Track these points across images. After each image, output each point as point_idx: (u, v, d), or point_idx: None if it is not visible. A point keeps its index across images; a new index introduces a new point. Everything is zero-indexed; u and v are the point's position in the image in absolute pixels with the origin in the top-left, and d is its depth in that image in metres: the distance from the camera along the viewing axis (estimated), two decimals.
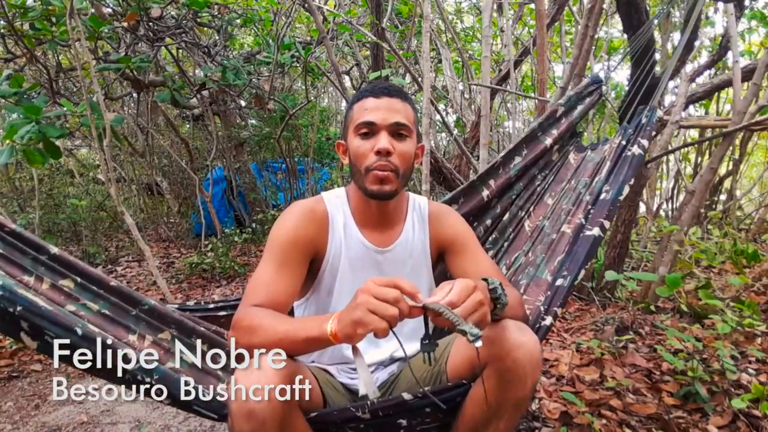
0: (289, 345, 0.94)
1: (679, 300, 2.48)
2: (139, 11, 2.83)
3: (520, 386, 0.97)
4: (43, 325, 0.96)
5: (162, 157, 5.51)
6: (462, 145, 3.09)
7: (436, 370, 1.16)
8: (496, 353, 0.97)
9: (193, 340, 1.29)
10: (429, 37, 2.40)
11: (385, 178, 1.12)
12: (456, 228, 1.30)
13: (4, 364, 2.28)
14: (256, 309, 1.02)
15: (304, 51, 3.33)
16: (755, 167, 7.05)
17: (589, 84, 1.76)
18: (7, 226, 1.17)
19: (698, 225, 4.03)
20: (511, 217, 1.66)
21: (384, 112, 1.13)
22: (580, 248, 1.37)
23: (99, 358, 1.00)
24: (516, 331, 0.98)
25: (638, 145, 1.54)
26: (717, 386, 1.79)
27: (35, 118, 2.16)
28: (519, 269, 1.51)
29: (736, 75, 2.52)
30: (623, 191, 1.44)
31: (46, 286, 1.15)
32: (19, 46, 3.11)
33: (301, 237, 1.15)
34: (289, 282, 1.11)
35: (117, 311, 1.22)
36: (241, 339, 0.99)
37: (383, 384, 1.25)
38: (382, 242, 1.24)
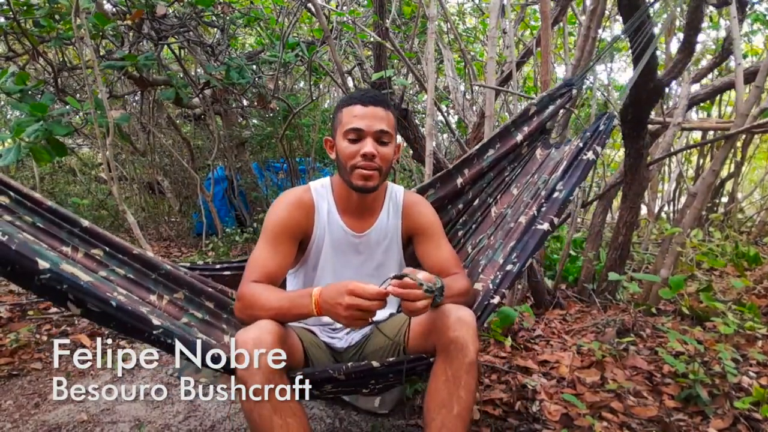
0: (282, 318, 1.21)
1: (681, 302, 2.48)
2: (145, 8, 2.83)
3: (464, 353, 1.17)
4: (85, 298, 1.12)
5: (163, 156, 5.51)
6: (464, 146, 3.09)
7: (397, 340, 1.40)
8: (439, 331, 1.20)
9: (201, 299, 1.54)
10: (433, 38, 2.39)
11: (370, 176, 1.34)
12: (426, 218, 1.53)
13: (4, 363, 2.28)
14: (255, 285, 1.28)
15: (307, 50, 3.33)
16: (757, 170, 7.05)
17: (561, 86, 1.88)
18: (44, 203, 1.37)
19: (700, 227, 4.03)
20: (481, 203, 1.83)
21: (370, 120, 1.33)
22: (530, 240, 1.49)
23: (130, 325, 1.16)
24: (453, 310, 1.21)
25: (593, 151, 1.63)
26: (718, 389, 1.79)
27: (42, 116, 2.16)
28: (481, 250, 1.68)
29: (739, 77, 2.51)
30: (573, 192, 1.57)
31: (80, 255, 1.36)
32: (22, 43, 3.12)
33: (291, 222, 1.40)
34: (281, 260, 1.36)
35: (139, 275, 1.45)
36: (244, 311, 1.26)
37: (357, 343, 1.51)
38: (359, 228, 1.47)
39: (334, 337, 1.52)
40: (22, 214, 1.33)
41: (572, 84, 1.86)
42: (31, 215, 1.34)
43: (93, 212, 4.86)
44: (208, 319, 1.50)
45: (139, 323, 1.17)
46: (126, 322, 1.16)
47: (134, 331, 1.18)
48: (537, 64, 4.62)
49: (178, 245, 4.98)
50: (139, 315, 1.18)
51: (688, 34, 2.42)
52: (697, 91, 3.44)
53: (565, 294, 3.08)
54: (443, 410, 1.17)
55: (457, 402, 1.17)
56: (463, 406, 1.17)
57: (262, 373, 1.09)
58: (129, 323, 1.16)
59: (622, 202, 2.81)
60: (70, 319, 2.81)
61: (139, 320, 1.17)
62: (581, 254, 3.29)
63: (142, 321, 1.18)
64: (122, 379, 2.17)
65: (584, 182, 1.61)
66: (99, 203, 5.11)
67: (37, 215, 1.35)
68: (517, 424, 1.71)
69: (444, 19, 4.51)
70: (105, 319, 1.16)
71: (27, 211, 1.34)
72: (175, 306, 1.45)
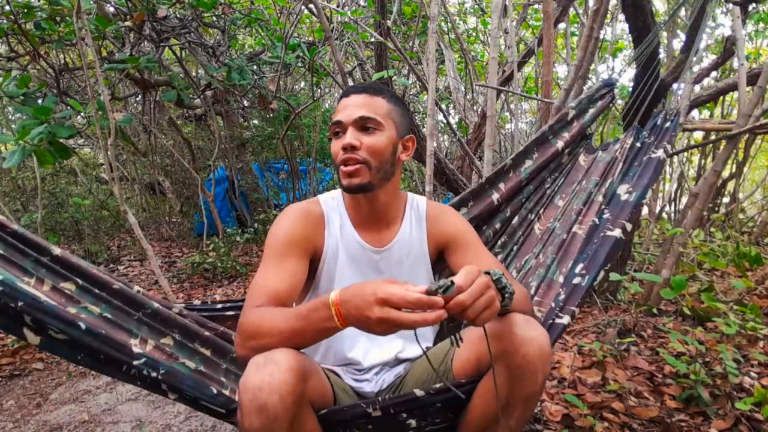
0: (298, 341, 0.94)
1: (682, 303, 2.47)
2: (146, 11, 2.84)
3: (530, 382, 0.96)
4: (45, 319, 0.94)
5: (165, 156, 5.52)
6: (465, 146, 3.09)
7: (442, 369, 1.15)
8: (505, 349, 0.96)
9: (196, 345, 1.29)
10: (435, 38, 2.39)
11: (353, 171, 1.13)
12: (455, 225, 1.30)
13: (6, 363, 2.29)
14: (258, 309, 1.01)
15: (309, 51, 3.33)
16: (758, 170, 7.04)
17: (601, 87, 1.76)
18: (8, 227, 1.15)
19: (701, 228, 4.03)
20: (521, 220, 1.64)
21: (350, 109, 1.15)
22: (600, 248, 1.34)
23: (104, 355, 0.99)
24: (525, 326, 0.97)
25: (663, 149, 1.51)
26: (719, 390, 1.79)
27: (45, 118, 2.17)
28: (529, 272, 1.49)
29: (741, 78, 2.51)
30: (647, 194, 1.44)
31: (47, 288, 1.13)
32: (23, 45, 3.12)
33: (298, 236, 1.17)
34: (289, 279, 1.11)
35: (119, 315, 1.21)
36: (246, 343, 0.98)
37: (390, 386, 1.24)
38: (378, 242, 1.25)
39: (360, 379, 1.25)
40: None
41: (613, 84, 1.76)
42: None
43: (94, 212, 4.86)
44: (203, 369, 1.26)
45: (115, 351, 1.00)
46: (98, 351, 0.98)
47: (109, 363, 1.00)
48: (538, 64, 4.62)
49: (179, 245, 4.98)
50: (116, 341, 1.01)
51: (691, 35, 2.42)
52: (699, 93, 3.43)
53: None
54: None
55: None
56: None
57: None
58: (102, 352, 0.99)
59: None
60: None
61: (115, 347, 1.00)
62: None
63: (119, 348, 1.00)
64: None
65: None
66: (100, 203, 5.11)
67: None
68: None
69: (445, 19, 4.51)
70: (72, 349, 0.98)
71: None
72: (162, 353, 1.21)
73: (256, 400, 0.84)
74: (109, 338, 0.99)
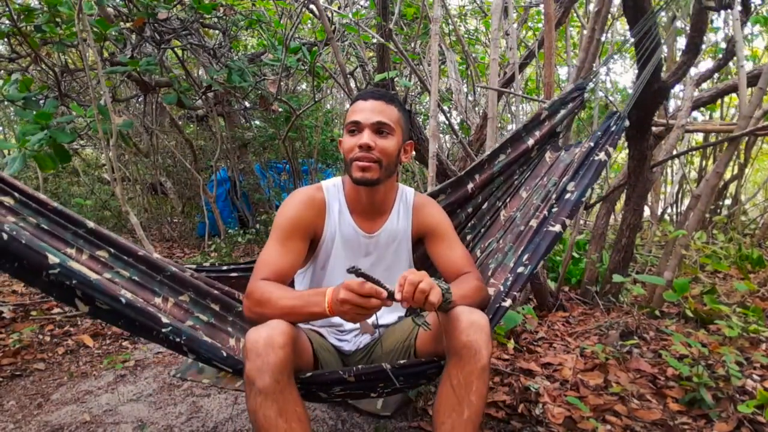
0: (293, 317, 1.18)
1: (685, 305, 2.47)
2: (146, 15, 2.84)
3: (477, 357, 1.15)
4: (94, 295, 1.12)
5: (166, 157, 5.52)
6: (467, 147, 3.09)
7: (407, 344, 1.39)
8: (451, 334, 1.17)
9: (207, 302, 1.52)
10: (437, 39, 2.39)
11: (367, 167, 1.33)
12: (435, 218, 1.53)
13: (7, 363, 2.29)
14: (265, 283, 1.26)
15: (309, 53, 3.33)
16: (760, 172, 7.03)
17: (573, 90, 1.85)
18: (50, 204, 1.35)
19: (703, 230, 4.02)
20: (489, 207, 1.83)
21: (368, 113, 1.35)
22: (542, 242, 1.47)
23: (139, 323, 1.17)
24: (465, 313, 1.18)
25: (605, 152, 1.61)
26: (722, 392, 1.78)
27: (46, 123, 2.17)
28: (491, 254, 1.67)
29: (742, 80, 2.51)
30: (586, 193, 1.55)
31: (85, 257, 1.34)
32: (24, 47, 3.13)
33: (302, 220, 1.39)
34: (291, 258, 1.35)
35: (144, 277, 1.43)
36: (253, 308, 1.23)
37: (366, 346, 1.50)
38: (370, 228, 1.47)
39: (342, 339, 1.51)
40: (27, 215, 1.32)
41: (584, 88, 1.84)
42: (35, 216, 1.33)
43: (96, 213, 4.87)
44: (214, 322, 1.49)
45: (148, 320, 1.17)
46: (135, 320, 1.16)
47: (143, 329, 1.18)
48: (539, 66, 4.62)
49: (181, 246, 4.98)
50: (148, 312, 1.18)
51: (692, 37, 2.42)
52: (700, 94, 3.43)
53: (568, 296, 3.08)
54: (453, 414, 1.16)
55: (467, 407, 1.15)
56: (473, 411, 1.16)
57: (271, 373, 1.07)
58: (138, 321, 1.16)
59: (626, 204, 2.81)
60: (73, 319, 2.81)
61: (148, 317, 1.17)
62: (584, 256, 3.28)
63: (151, 318, 1.18)
64: (125, 379, 2.17)
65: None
66: (102, 204, 5.12)
67: (41, 216, 1.34)
68: (520, 426, 1.70)
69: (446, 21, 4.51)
70: (114, 317, 1.15)
71: (32, 212, 1.33)
72: (180, 308, 1.44)
73: (255, 347, 1.09)
74: (143, 310, 1.17)
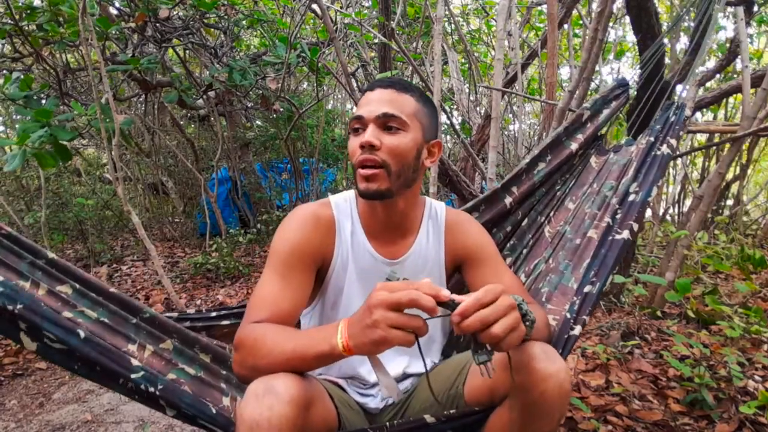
0: (298, 364, 0.86)
1: (686, 306, 2.46)
2: (147, 12, 2.84)
3: (546, 421, 0.89)
4: (43, 326, 0.92)
5: (168, 157, 5.53)
6: (469, 147, 3.08)
7: (453, 392, 1.08)
8: (521, 383, 0.88)
9: (195, 351, 1.24)
10: (440, 39, 2.39)
11: (371, 176, 1.02)
12: (475, 239, 1.21)
13: (9, 362, 2.29)
14: (260, 326, 0.94)
15: (311, 51, 3.33)
16: (762, 173, 7.01)
17: (615, 87, 1.72)
18: (3, 229, 1.13)
19: (705, 230, 4.01)
20: (530, 223, 1.59)
21: (375, 104, 1.04)
22: (609, 252, 1.29)
23: (101, 366, 0.96)
24: (544, 359, 0.88)
25: (667, 145, 1.46)
26: (723, 393, 1.78)
27: (46, 121, 2.17)
28: (539, 277, 1.43)
29: (746, 80, 2.50)
30: (652, 192, 1.38)
31: (42, 292, 1.10)
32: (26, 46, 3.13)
33: (305, 248, 1.07)
34: (293, 294, 1.03)
35: (116, 319, 1.16)
36: (245, 361, 0.91)
37: (396, 403, 1.17)
38: (392, 253, 1.15)
39: (365, 394, 1.17)
40: None
41: (627, 84, 1.72)
42: None
43: (98, 212, 4.87)
44: (203, 376, 1.20)
45: (113, 364, 0.97)
46: (95, 362, 0.96)
47: (106, 374, 0.97)
48: (542, 66, 4.62)
49: (182, 246, 4.99)
50: (114, 353, 0.98)
51: (696, 37, 2.41)
52: (704, 95, 3.42)
53: None
54: None
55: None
56: None
57: None
58: (100, 363, 0.96)
59: None
60: None
61: (113, 359, 0.97)
62: None
63: (117, 361, 0.98)
64: None
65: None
66: (104, 203, 5.12)
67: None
68: None
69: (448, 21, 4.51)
70: (67, 358, 0.96)
71: None
72: (160, 359, 1.17)
73: (260, 426, 0.77)
74: (107, 349, 0.97)
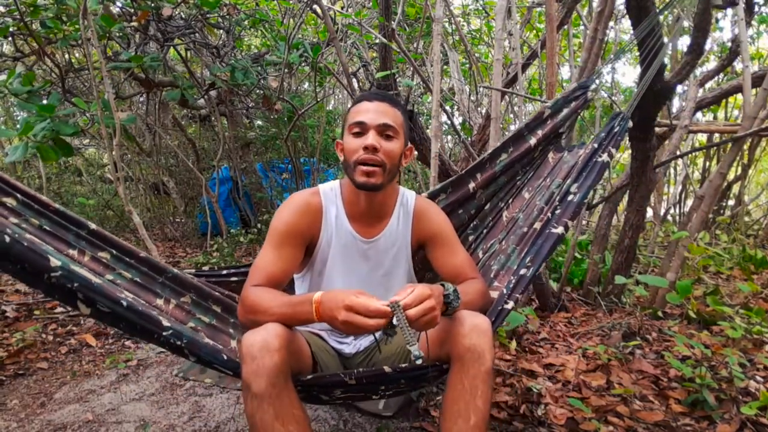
0: (286, 323, 1.16)
1: (687, 306, 2.46)
2: (150, 10, 2.85)
3: (481, 361, 1.13)
4: (95, 298, 1.11)
5: (169, 156, 5.53)
6: (469, 148, 3.08)
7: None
8: (454, 339, 1.15)
9: (209, 303, 1.53)
10: (440, 39, 2.39)
11: (372, 172, 1.29)
12: (438, 225, 1.48)
13: (10, 362, 2.29)
14: (257, 289, 1.25)
15: (313, 51, 3.33)
16: (763, 173, 7.00)
17: (576, 89, 1.83)
18: (51, 205, 1.35)
19: (706, 230, 4.01)
20: (492, 207, 1.81)
21: (374, 114, 1.31)
22: (544, 243, 1.46)
23: (140, 326, 1.16)
24: (467, 317, 1.16)
25: (607, 153, 1.60)
26: (725, 394, 1.78)
27: (49, 116, 2.18)
28: (493, 255, 1.67)
29: (746, 80, 2.50)
30: (588, 195, 1.53)
31: (87, 258, 1.35)
32: (29, 44, 3.14)
33: (297, 227, 1.36)
34: (284, 264, 1.33)
35: (146, 279, 1.44)
36: (246, 315, 1.23)
37: (366, 348, 1.49)
38: (368, 233, 1.43)
39: (342, 342, 1.50)
40: (29, 217, 1.31)
41: (587, 86, 1.82)
42: (37, 218, 1.33)
43: (99, 212, 4.87)
44: (215, 323, 1.49)
45: (149, 324, 1.17)
46: (136, 323, 1.16)
47: (144, 332, 1.17)
48: (542, 66, 4.61)
49: (183, 246, 4.99)
50: (149, 315, 1.17)
51: (696, 37, 2.41)
52: (704, 95, 3.42)
53: (571, 297, 3.07)
54: (459, 420, 1.14)
55: (474, 412, 1.13)
56: (479, 416, 1.14)
57: (266, 377, 1.06)
58: (139, 324, 1.16)
59: (629, 205, 2.80)
60: (76, 318, 2.82)
61: (149, 321, 1.17)
62: (587, 257, 3.28)
63: (152, 322, 1.17)
64: (127, 378, 2.17)
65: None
66: (105, 203, 5.13)
67: (44, 218, 1.34)
68: (522, 427, 1.70)
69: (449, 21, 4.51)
70: (115, 320, 1.15)
71: (34, 214, 1.33)
72: (182, 310, 1.45)
73: (251, 350, 1.08)
74: (144, 313, 1.17)
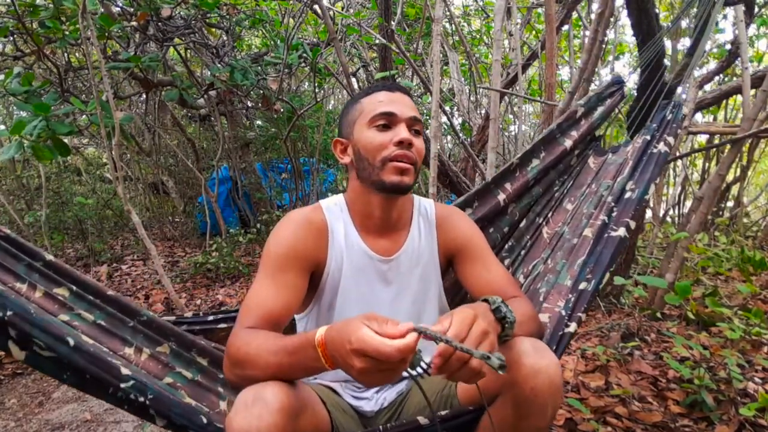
0: (285, 375, 0.87)
1: (686, 307, 2.46)
2: (149, 11, 2.85)
3: (539, 416, 0.89)
4: (33, 333, 0.89)
5: (168, 156, 5.53)
6: (469, 148, 3.08)
7: (446, 392, 1.09)
8: (511, 380, 0.88)
9: (192, 355, 1.23)
10: (439, 40, 2.39)
11: (407, 170, 1.06)
12: (465, 231, 1.22)
13: (9, 361, 2.29)
14: (249, 333, 0.95)
15: (312, 52, 3.34)
16: (762, 174, 7.01)
17: (610, 84, 1.69)
18: (1, 231, 1.12)
19: (705, 231, 4.01)
20: (528, 224, 1.58)
21: (402, 106, 1.09)
22: (605, 249, 1.28)
23: (91, 375, 0.93)
24: (533, 354, 0.88)
25: (664, 143, 1.45)
26: (723, 395, 1.78)
27: (44, 115, 2.17)
28: (538, 278, 1.42)
29: (746, 82, 2.50)
30: (649, 190, 1.36)
31: (39, 295, 1.09)
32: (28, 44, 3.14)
33: (299, 250, 1.08)
34: (285, 297, 1.04)
35: (113, 322, 1.17)
36: (234, 370, 0.92)
37: (391, 404, 1.17)
38: (386, 250, 1.16)
39: (360, 397, 1.17)
40: None
41: (622, 81, 1.69)
42: None
43: (98, 212, 4.87)
44: (200, 379, 1.18)
45: (103, 372, 0.93)
46: (85, 371, 0.92)
47: (95, 384, 0.94)
48: (542, 67, 4.62)
49: (182, 245, 4.99)
50: (104, 361, 0.95)
51: (696, 38, 2.41)
52: (704, 96, 3.42)
53: None
54: None
55: None
56: None
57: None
58: (89, 372, 0.93)
59: None
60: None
61: (103, 368, 0.94)
62: None
63: (107, 369, 0.94)
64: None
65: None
66: (104, 203, 5.13)
67: None
68: None
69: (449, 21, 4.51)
70: (57, 366, 0.92)
71: None
72: (157, 362, 1.16)
73: (245, 402, 0.80)
74: (97, 357, 0.94)
